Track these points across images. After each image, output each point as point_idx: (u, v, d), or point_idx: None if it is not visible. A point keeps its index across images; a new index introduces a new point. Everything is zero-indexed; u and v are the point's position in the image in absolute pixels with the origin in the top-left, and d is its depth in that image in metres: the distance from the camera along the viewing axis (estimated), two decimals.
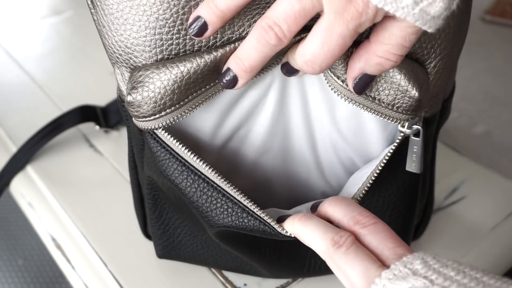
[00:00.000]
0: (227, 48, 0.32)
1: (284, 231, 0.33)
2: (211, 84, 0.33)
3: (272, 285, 0.46)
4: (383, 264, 0.29)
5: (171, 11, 0.31)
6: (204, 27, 0.31)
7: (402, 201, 0.40)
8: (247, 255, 0.40)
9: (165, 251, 0.43)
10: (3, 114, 0.68)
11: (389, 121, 0.35)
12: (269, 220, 0.34)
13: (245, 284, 0.46)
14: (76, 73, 0.76)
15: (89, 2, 0.33)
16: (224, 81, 0.32)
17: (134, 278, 0.47)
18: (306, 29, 0.30)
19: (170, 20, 0.31)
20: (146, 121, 0.33)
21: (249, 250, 0.39)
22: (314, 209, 0.35)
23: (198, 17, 0.30)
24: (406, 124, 0.35)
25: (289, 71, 0.33)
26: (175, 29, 0.32)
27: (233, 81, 0.32)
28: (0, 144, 0.64)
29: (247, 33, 0.33)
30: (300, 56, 0.30)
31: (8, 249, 0.81)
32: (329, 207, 0.33)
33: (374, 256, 0.29)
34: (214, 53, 0.32)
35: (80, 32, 0.87)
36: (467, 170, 0.57)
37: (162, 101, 0.32)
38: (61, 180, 0.58)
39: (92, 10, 0.33)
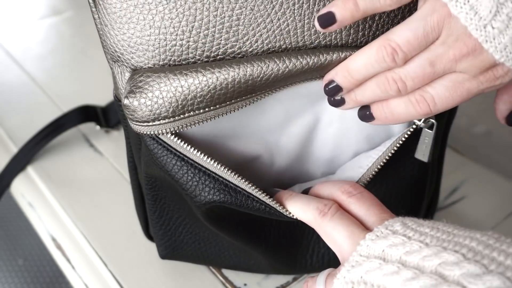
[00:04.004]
0: (232, 71, 0.32)
1: (290, 214, 0.34)
2: (211, 108, 0.33)
3: (272, 285, 0.46)
4: (368, 229, 0.31)
5: (176, 10, 0.31)
6: (332, 20, 0.30)
7: (409, 195, 0.40)
8: (251, 245, 0.40)
9: (168, 251, 0.43)
10: (4, 114, 0.68)
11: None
12: (275, 205, 0.35)
13: (245, 284, 0.46)
14: (76, 73, 0.76)
15: (91, 1, 0.33)
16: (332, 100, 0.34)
17: (134, 278, 0.47)
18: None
19: (176, 19, 0.31)
20: (138, 125, 0.33)
21: (252, 237, 0.40)
22: (305, 193, 0.37)
23: (329, 12, 0.30)
24: (423, 118, 0.35)
25: (364, 118, 0.34)
26: (180, 30, 0.32)
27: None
28: (0, 145, 0.64)
29: (251, 47, 0.33)
30: (423, 92, 0.31)
31: (8, 249, 0.81)
32: (318, 187, 0.36)
33: (357, 222, 0.32)
34: (217, 74, 0.32)
35: (80, 32, 0.87)
36: (467, 170, 0.57)
37: (158, 111, 0.32)
38: (61, 180, 0.58)
39: (93, 9, 0.33)
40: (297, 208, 0.34)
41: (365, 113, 0.34)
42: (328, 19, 0.30)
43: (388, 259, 0.27)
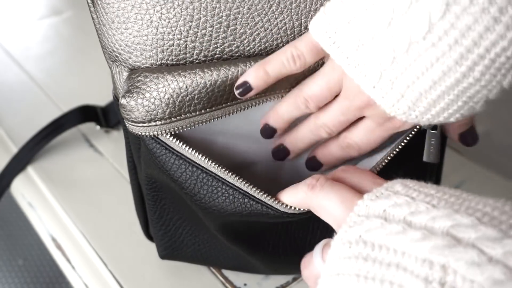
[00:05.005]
0: (229, 72, 0.33)
1: (288, 207, 0.33)
2: (207, 110, 0.33)
3: (272, 285, 0.46)
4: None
5: (174, 10, 0.31)
6: (249, 88, 0.34)
7: None
8: (249, 251, 0.40)
9: (167, 252, 0.42)
10: (3, 114, 0.68)
11: None
12: (269, 201, 0.34)
13: (245, 284, 0.46)
14: (76, 73, 0.76)
15: (89, 1, 0.33)
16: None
17: (134, 278, 0.47)
18: None
19: (173, 19, 0.32)
20: (135, 126, 0.33)
21: (251, 245, 0.39)
22: None
23: (245, 82, 0.34)
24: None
25: (314, 167, 0.39)
26: (177, 29, 0.32)
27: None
28: (0, 145, 0.64)
29: (249, 46, 0.33)
30: (345, 138, 0.36)
31: (8, 249, 0.81)
32: None
33: (350, 188, 0.30)
34: (216, 75, 0.32)
35: (80, 32, 0.87)
36: (467, 170, 0.57)
37: (154, 112, 0.32)
38: (61, 180, 0.58)
39: (92, 9, 0.33)
40: (288, 194, 0.33)
41: (313, 162, 0.39)
42: (245, 88, 0.34)
43: (390, 219, 0.25)
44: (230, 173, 0.34)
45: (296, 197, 0.33)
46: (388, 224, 0.25)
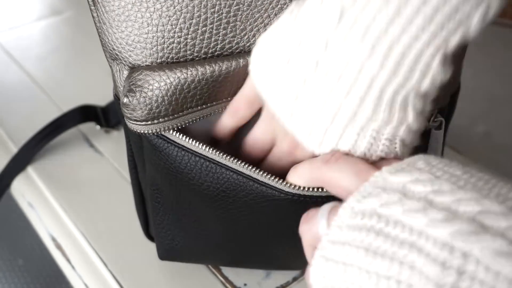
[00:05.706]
0: (232, 67, 0.33)
1: (292, 186, 0.32)
2: (208, 104, 0.33)
3: (272, 285, 0.46)
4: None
5: (174, 8, 0.31)
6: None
7: None
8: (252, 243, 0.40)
9: (167, 254, 0.42)
10: (3, 114, 0.68)
11: None
12: (272, 182, 0.33)
13: (245, 284, 0.46)
14: (76, 73, 0.76)
15: (89, 0, 0.33)
16: None
17: (134, 278, 0.47)
18: None
19: (173, 17, 0.32)
20: (137, 124, 0.33)
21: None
22: None
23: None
24: (432, 117, 0.34)
25: None
26: (177, 27, 0.32)
27: None
28: (0, 145, 0.64)
29: (249, 42, 0.33)
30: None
31: (8, 249, 0.81)
32: None
33: (368, 162, 0.28)
34: (218, 70, 0.32)
35: (80, 32, 0.87)
36: None
37: (157, 110, 0.32)
38: (61, 180, 0.58)
39: (92, 7, 0.33)
40: (300, 169, 0.31)
41: None
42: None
43: (410, 196, 0.23)
44: (231, 158, 0.34)
45: (308, 172, 0.30)
46: (407, 200, 0.23)
